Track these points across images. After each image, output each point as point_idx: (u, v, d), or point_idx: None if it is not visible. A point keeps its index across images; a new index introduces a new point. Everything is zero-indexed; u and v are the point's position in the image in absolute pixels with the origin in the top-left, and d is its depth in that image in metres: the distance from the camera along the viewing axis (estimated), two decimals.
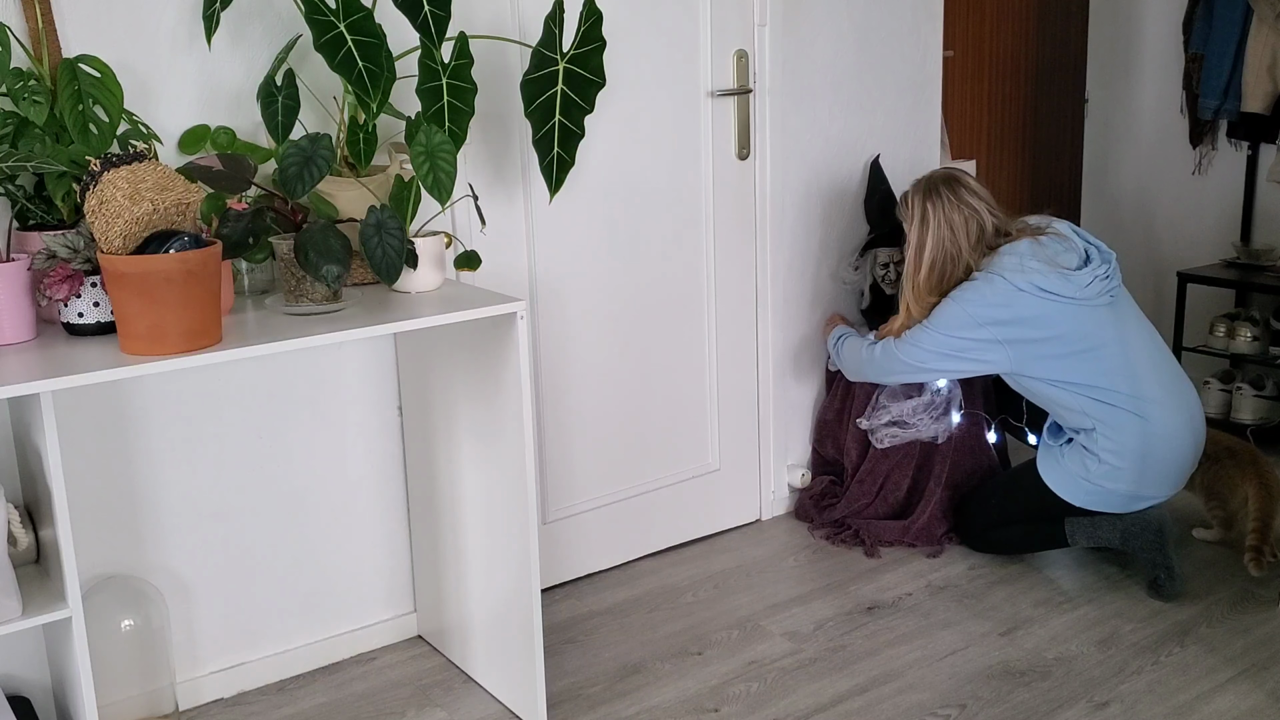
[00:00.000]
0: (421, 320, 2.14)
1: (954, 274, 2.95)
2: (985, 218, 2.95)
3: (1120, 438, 2.85)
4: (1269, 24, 3.93)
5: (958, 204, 2.95)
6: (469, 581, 2.60)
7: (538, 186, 2.87)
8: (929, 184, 3.01)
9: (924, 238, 2.97)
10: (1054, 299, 2.82)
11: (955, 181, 2.99)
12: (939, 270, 2.95)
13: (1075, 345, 2.84)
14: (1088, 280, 2.83)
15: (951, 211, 2.94)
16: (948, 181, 2.99)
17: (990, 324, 2.86)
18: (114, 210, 1.89)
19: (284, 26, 2.45)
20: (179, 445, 2.50)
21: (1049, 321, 2.83)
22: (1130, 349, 2.88)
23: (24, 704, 2.33)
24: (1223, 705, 2.48)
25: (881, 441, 3.24)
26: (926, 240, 2.96)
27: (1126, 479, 2.87)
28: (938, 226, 2.95)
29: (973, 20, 4.04)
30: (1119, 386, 2.84)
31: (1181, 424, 2.90)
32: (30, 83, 2.11)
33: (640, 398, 3.17)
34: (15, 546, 2.09)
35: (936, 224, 2.95)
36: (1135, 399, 2.84)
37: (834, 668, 2.68)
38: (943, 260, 2.95)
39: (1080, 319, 2.84)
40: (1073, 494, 2.93)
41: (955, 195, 2.96)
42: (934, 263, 2.95)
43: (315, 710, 2.58)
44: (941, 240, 2.94)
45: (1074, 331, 2.84)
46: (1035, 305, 2.82)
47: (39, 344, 2.02)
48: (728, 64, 3.15)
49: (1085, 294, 2.83)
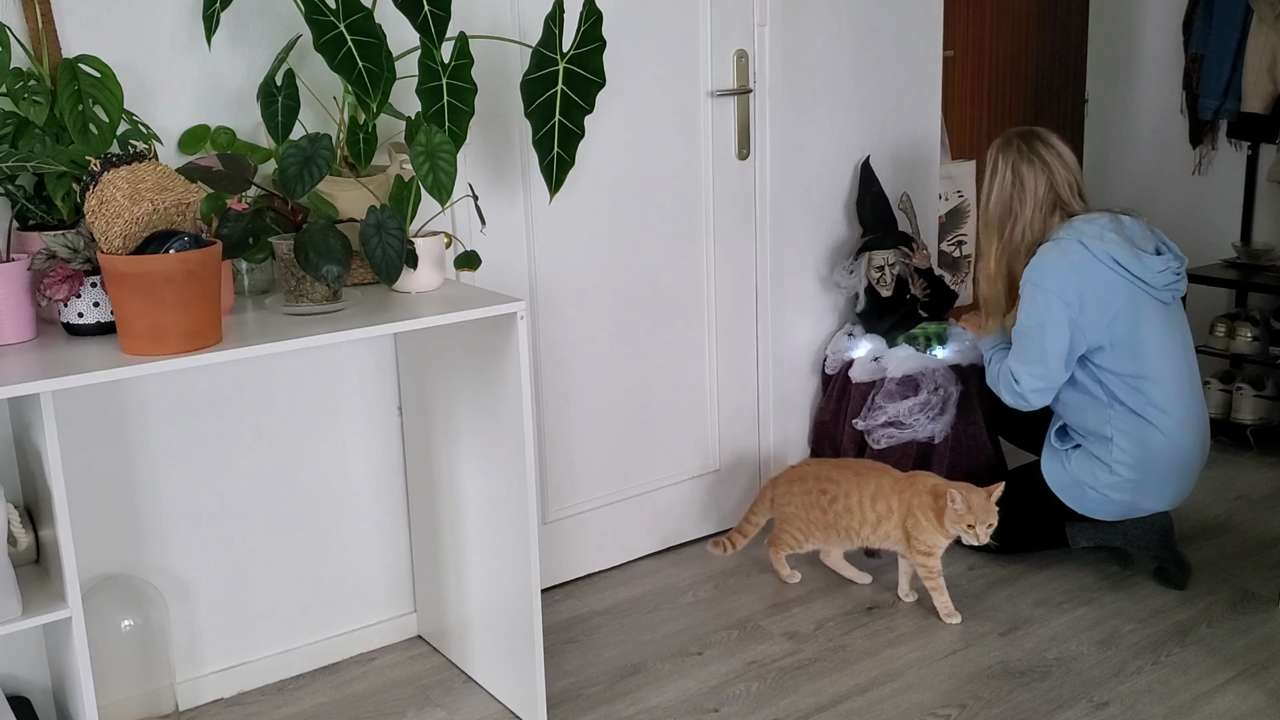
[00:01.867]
0: (421, 320, 2.14)
1: (1016, 229, 2.90)
2: (1057, 175, 2.89)
3: (1135, 449, 2.83)
4: (1269, 24, 3.93)
5: (1029, 156, 2.90)
6: (469, 581, 2.60)
7: (538, 186, 2.87)
8: (1006, 136, 2.97)
9: (990, 187, 2.95)
10: (1123, 274, 2.78)
11: (1034, 136, 2.94)
12: (999, 221, 2.92)
13: (1124, 332, 2.79)
14: (1160, 267, 2.81)
15: (1020, 163, 2.90)
16: (1025, 135, 2.95)
17: (1053, 294, 2.79)
18: (114, 210, 1.89)
19: (284, 26, 2.45)
20: (179, 445, 2.50)
21: (1111, 297, 2.78)
22: (1171, 356, 2.85)
23: (24, 704, 2.33)
24: (1223, 705, 2.48)
25: (878, 442, 3.24)
26: (993, 190, 2.94)
27: (1132, 490, 2.87)
28: (1003, 177, 2.91)
29: (973, 20, 4.04)
30: (1148, 391, 2.81)
31: (1194, 441, 2.89)
32: (30, 83, 2.11)
33: (640, 397, 3.17)
34: (15, 546, 2.09)
35: (1003, 174, 2.92)
36: (1159, 409, 2.82)
37: (834, 668, 2.68)
38: (1001, 211, 2.92)
39: (1138, 304, 2.80)
40: (1076, 500, 2.93)
41: (1029, 148, 2.91)
42: (998, 213, 2.92)
43: (315, 710, 2.58)
44: (1005, 190, 2.91)
45: (1128, 315, 2.79)
46: (1104, 275, 2.78)
47: (39, 344, 2.02)
48: (728, 64, 3.15)
49: (1153, 280, 2.80)
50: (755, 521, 3.09)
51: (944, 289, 3.49)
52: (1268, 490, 3.58)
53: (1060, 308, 2.79)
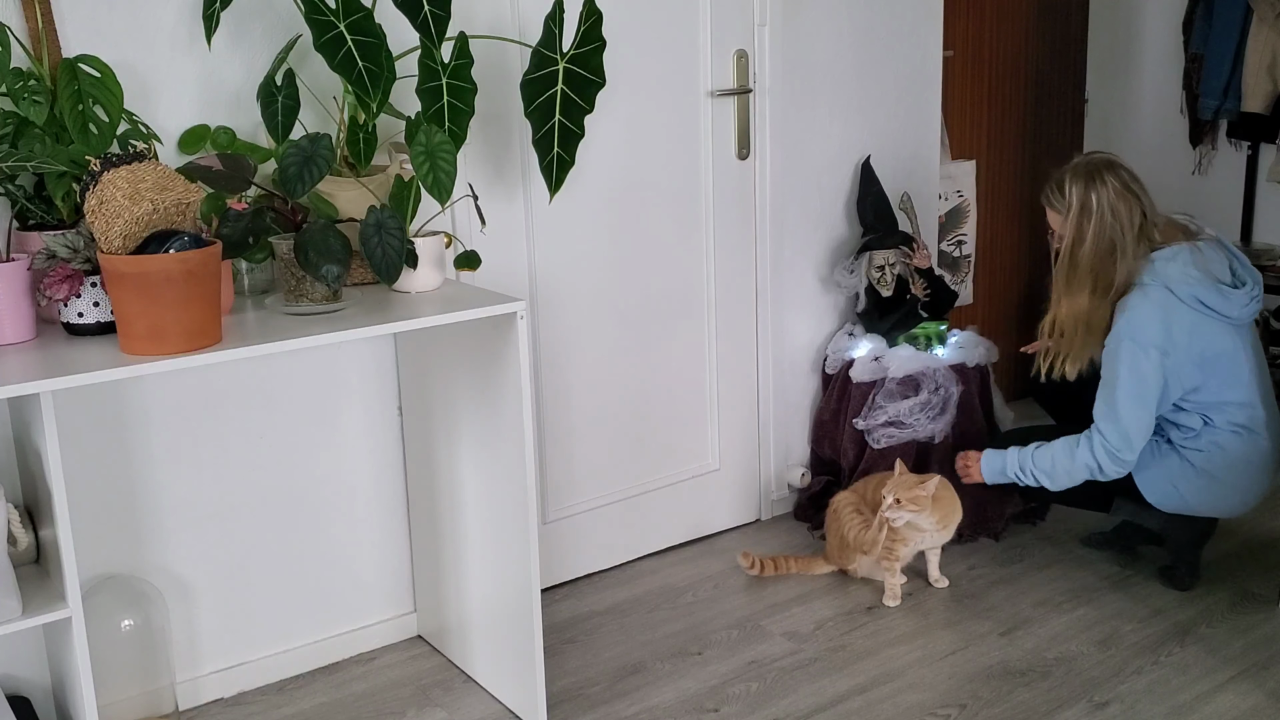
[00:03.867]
0: (421, 320, 2.14)
1: (1111, 270, 2.75)
2: (1148, 206, 2.76)
3: (1218, 453, 2.80)
4: (1269, 24, 3.93)
5: (1123, 191, 2.74)
6: (469, 581, 2.60)
7: (538, 186, 2.87)
8: (1090, 169, 2.77)
9: (1083, 228, 2.74)
10: (1209, 314, 2.72)
11: (1118, 166, 2.78)
12: (1095, 264, 2.75)
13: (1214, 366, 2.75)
14: (1245, 301, 2.74)
15: (1117, 200, 2.73)
16: (1111, 166, 2.77)
17: (1153, 347, 2.71)
18: (114, 210, 1.89)
19: (284, 26, 2.45)
20: (179, 445, 2.50)
21: (1198, 340, 2.72)
22: (1258, 377, 2.83)
23: (24, 704, 2.33)
24: (1223, 705, 2.48)
25: (879, 442, 3.24)
26: (1087, 231, 2.74)
27: (1213, 498, 2.84)
28: (1101, 215, 2.73)
29: (973, 20, 4.04)
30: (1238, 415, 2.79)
31: (1272, 455, 2.86)
32: (30, 83, 2.11)
33: (640, 398, 3.17)
34: (15, 546, 2.09)
35: (1100, 212, 2.73)
36: (1249, 429, 2.80)
37: (834, 668, 2.68)
38: (1103, 252, 2.74)
39: (1225, 337, 2.75)
40: (1154, 493, 2.86)
41: (1119, 181, 2.75)
42: (1095, 254, 2.74)
43: (315, 710, 2.58)
44: (1104, 229, 2.73)
45: (1214, 350, 2.74)
46: (1189, 317, 2.71)
47: (39, 344, 2.02)
48: (728, 64, 3.15)
49: (1240, 315, 2.74)
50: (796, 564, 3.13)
51: (944, 289, 3.49)
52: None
53: (1157, 358, 2.71)
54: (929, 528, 2.89)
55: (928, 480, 2.86)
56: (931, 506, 2.86)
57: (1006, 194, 4.26)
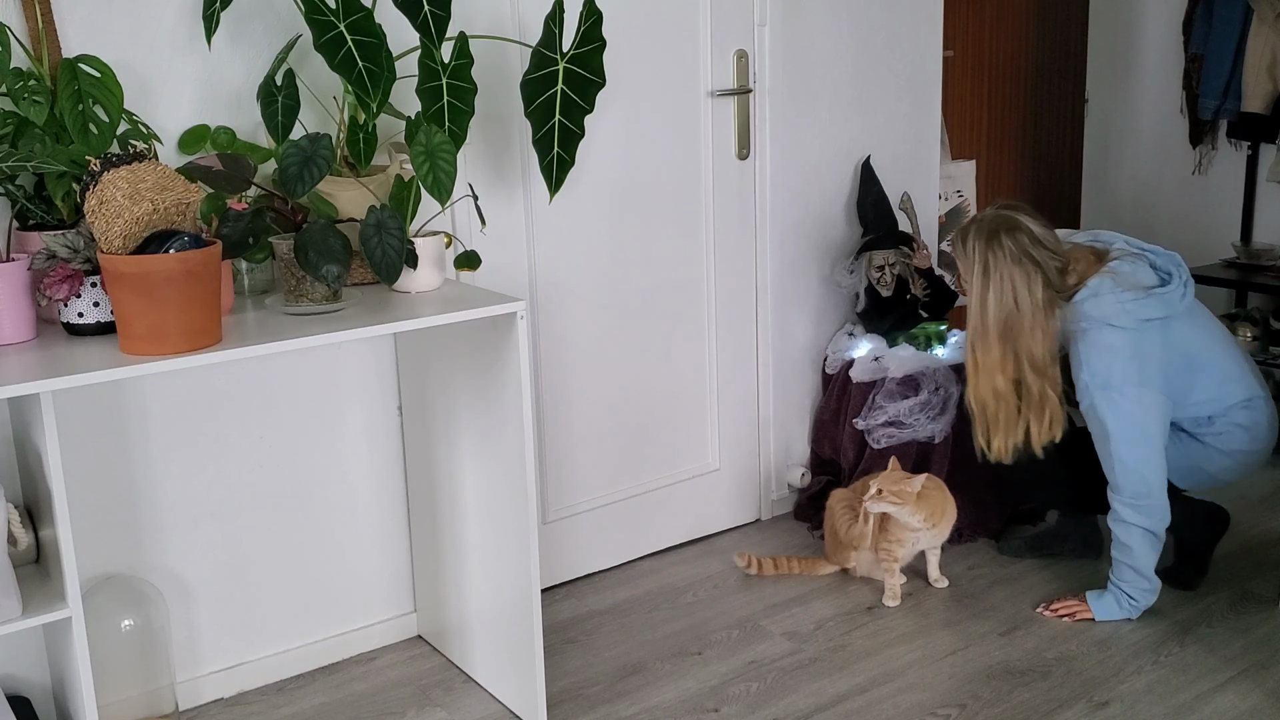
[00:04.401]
0: (421, 320, 2.14)
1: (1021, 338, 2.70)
2: (1049, 267, 2.70)
3: (1248, 434, 2.80)
4: (1269, 24, 3.93)
5: (1020, 256, 2.68)
6: (469, 581, 2.60)
7: (538, 186, 2.87)
8: (990, 231, 2.72)
9: (985, 293, 2.72)
10: (1160, 323, 2.69)
11: (1017, 230, 2.71)
12: (1003, 325, 2.71)
13: (1192, 361, 2.74)
14: (1181, 292, 2.71)
15: (1014, 266, 2.68)
16: (1010, 230, 2.70)
17: (1128, 385, 2.66)
18: (114, 210, 1.89)
19: (284, 26, 2.45)
20: (179, 445, 2.50)
21: (1167, 349, 2.69)
22: (1224, 349, 2.82)
23: (24, 704, 2.33)
24: (1223, 705, 2.48)
25: (878, 442, 3.24)
26: (988, 296, 2.71)
27: (1240, 467, 2.84)
28: (1000, 281, 2.69)
29: (973, 20, 4.04)
30: (1238, 381, 2.79)
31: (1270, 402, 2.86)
32: (30, 83, 2.11)
33: (640, 398, 3.17)
34: (15, 546, 2.09)
35: (999, 279, 2.69)
36: (1252, 390, 2.80)
37: (834, 668, 2.68)
38: (1006, 315, 2.70)
39: (1186, 330, 2.73)
40: (1182, 479, 2.83)
41: (1017, 246, 2.69)
42: (1001, 319, 2.71)
43: (315, 710, 2.58)
44: (1004, 296, 2.69)
45: (1187, 348, 2.73)
46: (1148, 338, 2.67)
47: (39, 344, 2.02)
48: (728, 64, 3.15)
49: (1181, 307, 2.71)
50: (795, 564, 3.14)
51: (944, 289, 3.49)
52: (1268, 490, 3.58)
53: (1136, 393, 2.66)
54: (918, 525, 2.89)
55: (915, 477, 2.87)
56: (917, 504, 2.86)
57: (1006, 194, 4.26)
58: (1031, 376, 2.73)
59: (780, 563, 3.10)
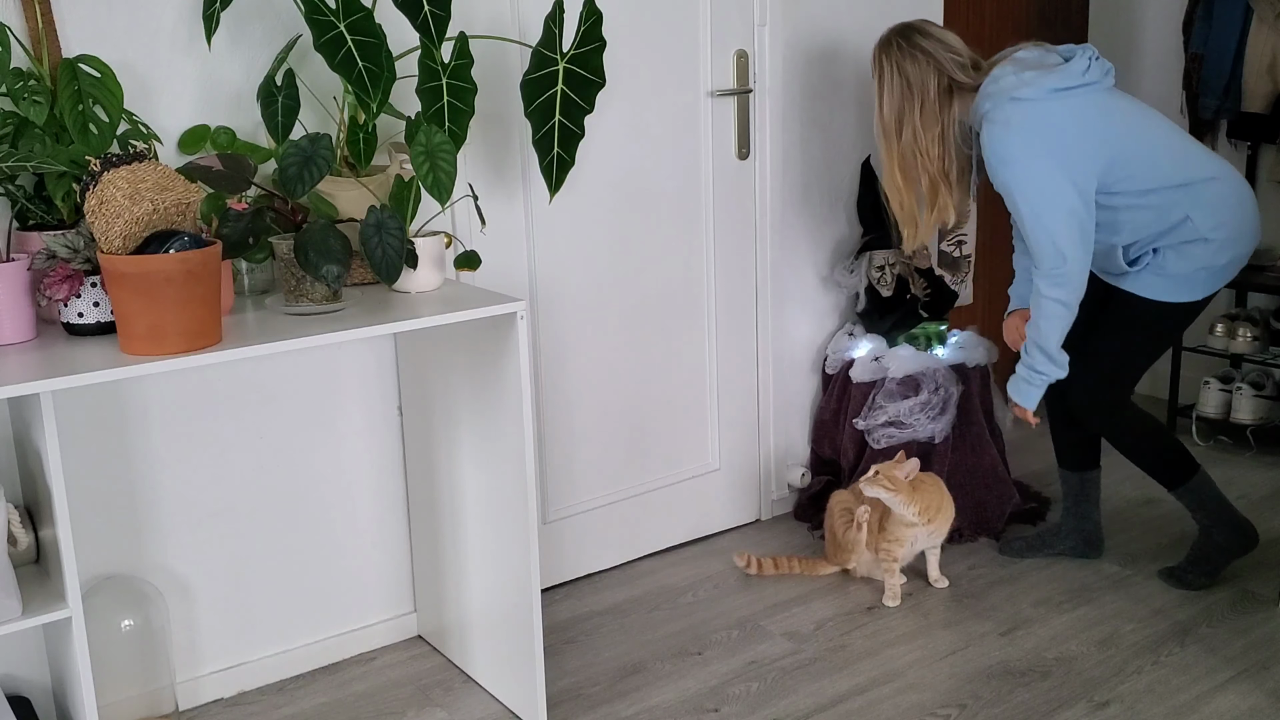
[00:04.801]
0: (421, 320, 2.14)
1: (906, 131, 2.84)
2: (944, 62, 2.81)
3: (1220, 209, 2.73)
4: (1269, 24, 3.93)
5: (911, 51, 2.82)
6: (469, 581, 2.60)
7: (538, 186, 2.87)
8: (884, 38, 2.90)
9: (881, 91, 2.87)
10: (1069, 93, 2.69)
11: (911, 30, 2.87)
12: (898, 119, 2.85)
13: (1117, 134, 2.71)
14: (1084, 65, 2.72)
15: (905, 62, 2.83)
16: (903, 31, 2.88)
17: (1044, 155, 2.67)
18: (114, 210, 1.89)
19: (284, 26, 2.45)
20: (179, 445, 2.50)
21: (1081, 122, 2.69)
22: (1162, 126, 2.79)
23: (24, 704, 2.33)
24: (1223, 705, 2.48)
25: (879, 442, 3.24)
26: (883, 93, 2.86)
27: (1235, 246, 2.76)
28: (892, 77, 2.84)
29: (973, 20, 4.03)
30: (1191, 164, 2.74)
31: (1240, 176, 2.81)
32: (30, 83, 2.11)
33: (640, 398, 3.18)
34: (15, 546, 2.09)
35: (892, 74, 2.84)
36: (1211, 168, 2.75)
37: (834, 668, 2.68)
38: (899, 109, 2.84)
39: (1104, 106, 2.72)
40: (1192, 291, 2.79)
41: (909, 43, 2.84)
42: (894, 113, 2.84)
43: (315, 710, 2.58)
44: (894, 91, 2.84)
45: (1103, 120, 2.71)
46: (1059, 108, 2.67)
47: (39, 344, 2.02)
48: (728, 64, 3.15)
49: (1090, 77, 2.71)
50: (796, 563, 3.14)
51: (944, 289, 3.49)
52: (1268, 490, 3.58)
53: (1045, 164, 2.67)
54: (912, 519, 2.88)
55: (906, 463, 2.88)
56: (911, 495, 2.86)
57: None
58: (921, 164, 2.86)
59: (780, 563, 3.10)
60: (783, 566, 3.11)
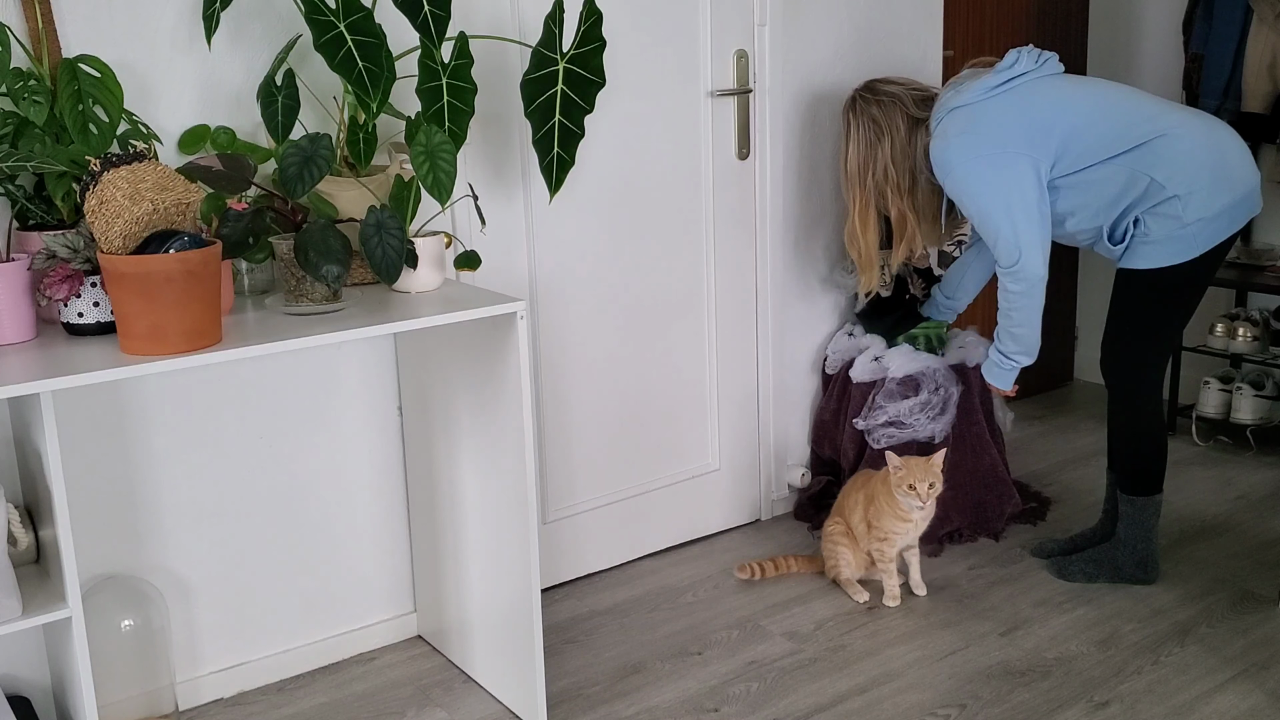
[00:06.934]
0: (421, 320, 2.14)
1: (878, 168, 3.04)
2: (907, 100, 3.01)
3: (1182, 162, 2.69)
4: (1269, 24, 3.93)
5: (875, 99, 3.03)
6: (469, 581, 2.60)
7: (538, 186, 2.87)
8: (849, 97, 3.10)
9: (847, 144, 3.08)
10: (1002, 88, 2.79)
11: (873, 82, 3.09)
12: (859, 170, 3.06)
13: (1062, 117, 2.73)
14: (1013, 59, 2.81)
15: (871, 107, 3.03)
16: (866, 85, 3.09)
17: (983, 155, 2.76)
18: (114, 210, 1.89)
19: (284, 26, 2.45)
20: (179, 445, 2.50)
21: (1021, 111, 2.75)
22: (1119, 93, 2.80)
23: (24, 704, 2.33)
24: (1223, 705, 2.48)
25: (879, 442, 3.24)
26: (849, 145, 3.08)
27: (1217, 194, 2.70)
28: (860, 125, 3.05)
29: (973, 20, 4.04)
30: (1140, 125, 2.72)
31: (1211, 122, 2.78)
32: (30, 83, 2.11)
33: (640, 398, 3.18)
34: (15, 546, 2.09)
35: (859, 124, 3.06)
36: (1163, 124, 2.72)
37: (834, 668, 2.68)
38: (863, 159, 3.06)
39: (1040, 91, 2.78)
40: (1186, 251, 2.73)
41: (870, 92, 3.05)
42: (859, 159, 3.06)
43: (315, 710, 2.58)
44: (863, 136, 3.05)
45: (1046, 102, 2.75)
46: (994, 105, 2.78)
47: (39, 344, 2.02)
48: (728, 64, 3.15)
49: (1020, 68, 2.79)
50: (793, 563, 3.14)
51: None
52: (1268, 490, 3.58)
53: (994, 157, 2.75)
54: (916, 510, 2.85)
55: (935, 456, 2.87)
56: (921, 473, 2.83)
57: None
58: (892, 199, 3.04)
59: (780, 563, 3.10)
60: (782, 567, 3.10)
